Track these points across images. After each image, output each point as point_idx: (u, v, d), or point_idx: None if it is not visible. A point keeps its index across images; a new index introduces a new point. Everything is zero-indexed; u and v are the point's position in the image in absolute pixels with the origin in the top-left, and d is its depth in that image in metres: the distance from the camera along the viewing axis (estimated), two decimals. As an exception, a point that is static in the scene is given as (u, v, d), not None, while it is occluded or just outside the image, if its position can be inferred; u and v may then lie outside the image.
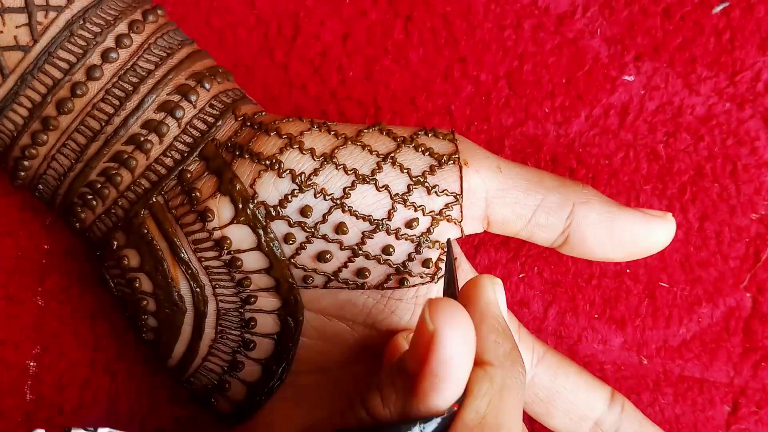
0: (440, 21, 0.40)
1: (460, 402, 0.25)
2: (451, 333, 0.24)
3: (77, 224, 0.34)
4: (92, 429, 0.28)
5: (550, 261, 0.38)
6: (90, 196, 0.33)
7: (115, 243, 0.34)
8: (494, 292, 0.28)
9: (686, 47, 0.39)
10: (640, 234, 0.33)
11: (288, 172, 0.32)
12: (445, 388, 0.25)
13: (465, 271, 0.35)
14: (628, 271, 0.38)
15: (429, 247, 0.33)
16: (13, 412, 0.38)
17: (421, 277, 0.33)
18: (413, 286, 0.33)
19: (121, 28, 0.33)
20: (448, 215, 0.32)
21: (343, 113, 0.39)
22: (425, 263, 0.33)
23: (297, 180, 0.32)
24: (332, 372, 0.34)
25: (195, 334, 0.34)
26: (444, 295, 0.31)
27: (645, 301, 0.38)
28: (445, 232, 0.33)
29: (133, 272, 0.33)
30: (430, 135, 0.33)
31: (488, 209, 0.33)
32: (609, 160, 0.39)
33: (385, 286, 0.33)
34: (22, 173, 0.34)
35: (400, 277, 0.33)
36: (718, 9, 0.39)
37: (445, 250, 0.33)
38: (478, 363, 0.26)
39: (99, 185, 0.33)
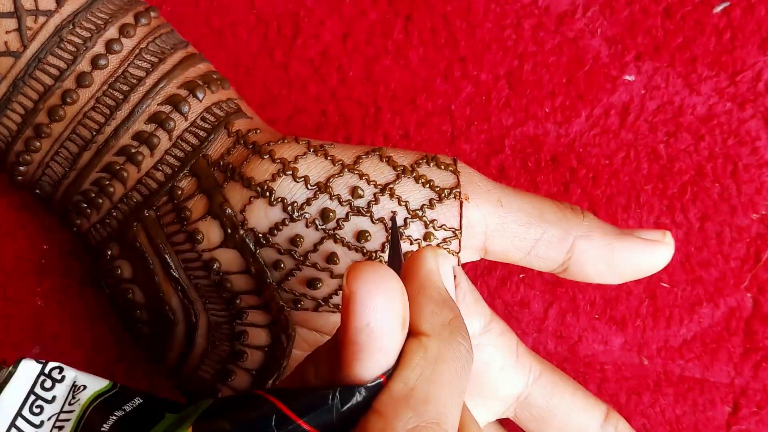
0: (440, 21, 0.39)
1: (390, 374, 0.24)
2: (368, 297, 0.23)
3: (74, 229, 0.34)
4: (43, 362, 0.28)
5: (551, 261, 0.38)
6: (84, 205, 0.33)
7: (109, 253, 0.33)
8: (436, 262, 0.27)
9: (687, 47, 0.39)
10: (640, 263, 0.32)
11: (279, 200, 0.31)
12: (366, 356, 0.23)
13: (464, 290, 0.34)
14: (628, 271, 0.38)
15: None
16: (13, 413, 0.38)
17: None
18: None
19: (111, 32, 0.32)
20: (446, 248, 0.31)
21: (343, 113, 0.39)
22: None
23: (288, 209, 0.31)
24: None
25: (187, 345, 0.34)
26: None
27: (646, 302, 0.38)
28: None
29: (126, 283, 0.33)
30: (431, 165, 0.32)
31: (487, 242, 0.32)
32: (609, 160, 0.39)
33: None
34: (19, 177, 0.34)
35: None
36: (718, 9, 0.39)
37: (390, 230, 0.31)
38: (414, 334, 0.25)
39: (93, 195, 0.33)
